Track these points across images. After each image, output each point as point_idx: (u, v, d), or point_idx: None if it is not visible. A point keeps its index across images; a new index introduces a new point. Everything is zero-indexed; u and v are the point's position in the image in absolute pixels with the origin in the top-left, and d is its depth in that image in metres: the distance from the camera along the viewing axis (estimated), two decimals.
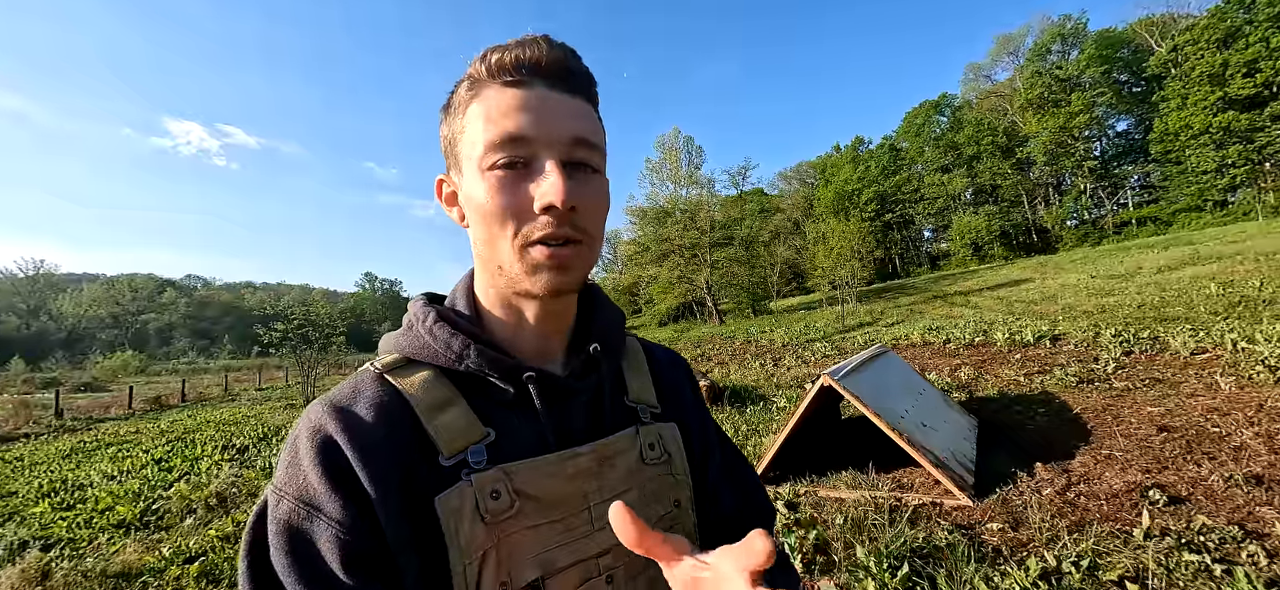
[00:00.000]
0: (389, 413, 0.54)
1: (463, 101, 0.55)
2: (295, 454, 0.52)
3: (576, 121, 0.54)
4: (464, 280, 0.67)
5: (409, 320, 0.62)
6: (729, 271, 34.47)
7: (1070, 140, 43.94)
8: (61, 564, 3.91)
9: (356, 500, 0.49)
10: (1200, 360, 6.96)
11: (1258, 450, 3.85)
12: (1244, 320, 9.21)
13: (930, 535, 3.07)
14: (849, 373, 4.26)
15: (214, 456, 8.02)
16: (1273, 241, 19.15)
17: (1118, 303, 13.82)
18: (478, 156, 0.53)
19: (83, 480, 7.17)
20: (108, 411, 17.20)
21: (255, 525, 0.52)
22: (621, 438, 0.62)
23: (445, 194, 0.62)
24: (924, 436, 4.06)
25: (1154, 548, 2.71)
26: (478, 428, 0.55)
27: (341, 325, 19.56)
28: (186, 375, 34.83)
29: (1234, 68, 34.24)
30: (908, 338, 13.11)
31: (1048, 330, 10.58)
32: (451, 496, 0.51)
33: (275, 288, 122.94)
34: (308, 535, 0.49)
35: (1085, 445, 4.47)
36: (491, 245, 0.55)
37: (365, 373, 0.58)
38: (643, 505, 0.61)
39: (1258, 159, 33.94)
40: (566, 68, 0.55)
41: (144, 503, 5.65)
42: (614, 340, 0.68)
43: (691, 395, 0.78)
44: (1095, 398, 5.94)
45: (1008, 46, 52.87)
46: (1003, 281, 25.33)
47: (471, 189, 0.55)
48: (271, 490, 0.52)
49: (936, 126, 53.32)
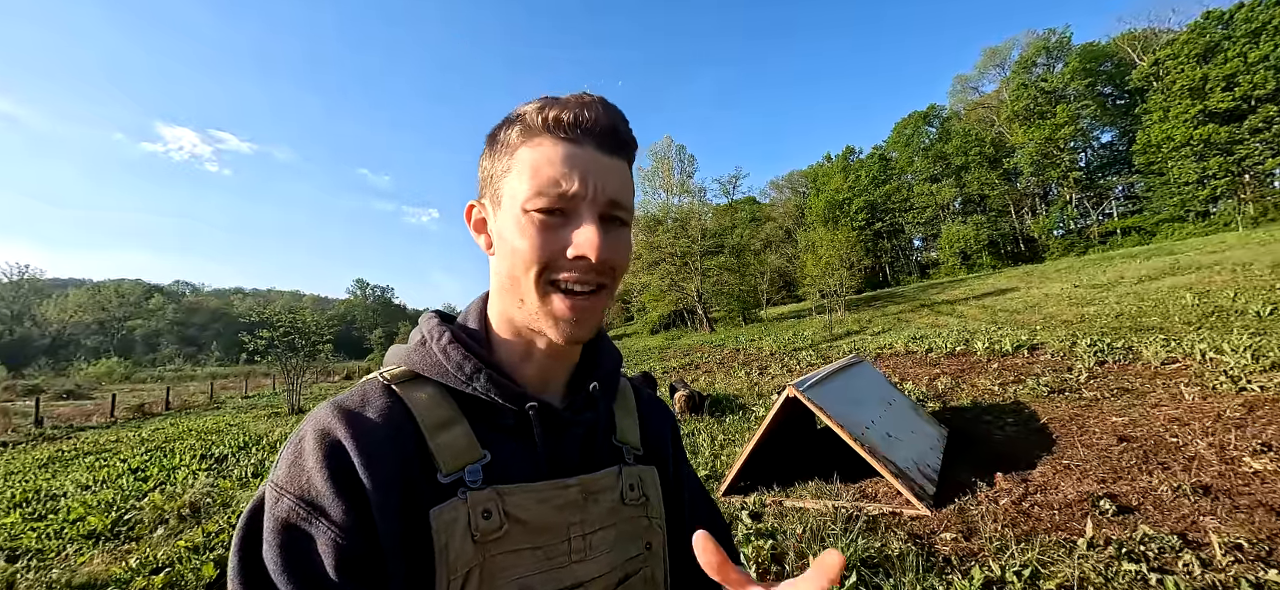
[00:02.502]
0: (396, 424, 0.56)
1: (512, 143, 0.58)
2: (300, 453, 0.53)
3: (616, 183, 0.58)
4: (478, 303, 0.69)
5: (422, 336, 0.64)
6: (720, 280, 34.58)
7: (1056, 151, 44.57)
8: (26, 575, 3.89)
9: (358, 504, 0.51)
10: (1169, 370, 7.09)
11: (1209, 460, 3.95)
12: (1215, 331, 9.40)
13: (885, 545, 3.13)
14: (815, 384, 4.33)
15: (191, 466, 7.97)
16: (1250, 252, 19.51)
17: (1097, 312, 14.04)
18: (521, 198, 0.55)
19: (57, 490, 7.10)
20: (89, 419, 16.98)
21: (250, 519, 0.53)
22: (606, 475, 0.64)
23: (474, 220, 0.64)
24: (888, 447, 4.13)
25: (1095, 557, 2.78)
26: (476, 448, 0.57)
27: (329, 333, 19.45)
28: (172, 383, 34.46)
29: (1213, 82, 34.96)
30: (892, 346, 13.24)
31: (1026, 340, 10.73)
32: (445, 511, 0.52)
33: (265, 294, 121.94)
34: (305, 535, 0.50)
35: (1048, 455, 4.56)
36: (517, 281, 0.58)
37: (373, 382, 0.60)
38: (619, 544, 0.62)
39: (1237, 171, 34.63)
40: (616, 134, 0.58)
41: (116, 513, 5.61)
42: (612, 382, 0.72)
43: (672, 445, 0.81)
44: (1064, 407, 6.05)
45: (994, 59, 53.73)
46: (989, 290, 25.60)
47: (506, 225, 0.58)
48: (270, 486, 0.53)
49: (925, 137, 53.91)
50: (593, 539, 0.60)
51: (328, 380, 36.13)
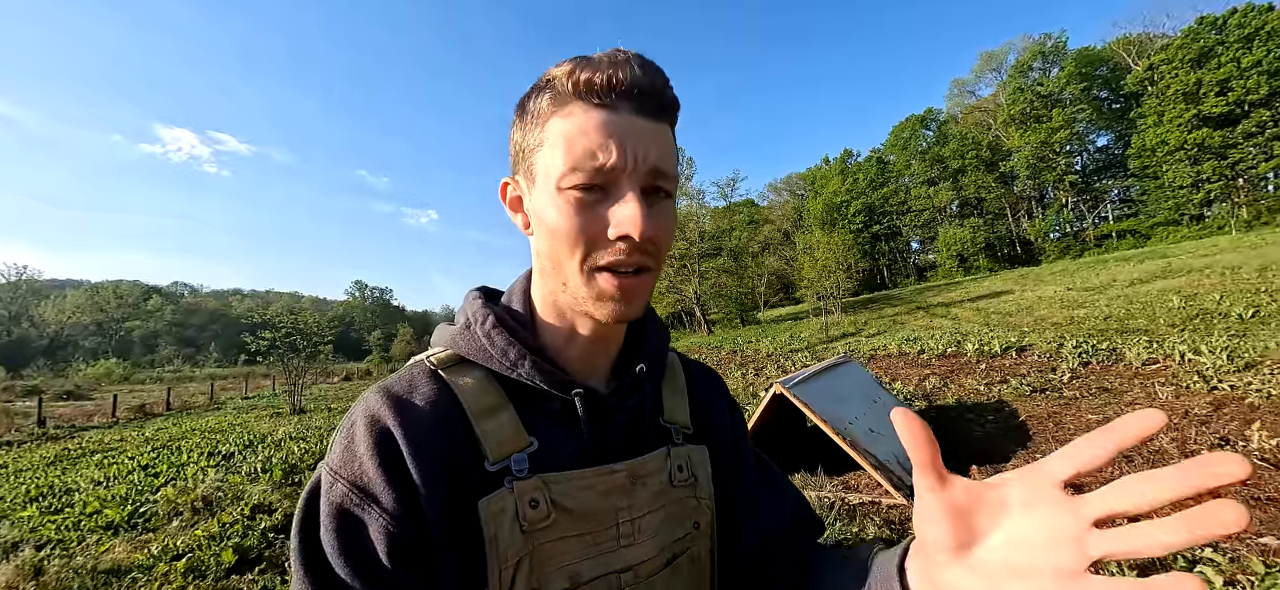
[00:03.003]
0: (443, 410, 0.56)
1: (543, 113, 0.54)
2: (352, 439, 0.53)
3: (658, 150, 0.53)
4: (521, 282, 0.67)
5: (467, 318, 0.63)
6: (717, 282, 34.86)
7: (1052, 155, 45.01)
8: (53, 561, 4.10)
9: (407, 493, 0.51)
10: (1149, 371, 7.33)
11: (1171, 454, 4.19)
12: (1198, 333, 9.65)
13: (862, 530, 3.37)
14: (801, 381, 4.56)
15: (200, 462, 8.18)
16: (1241, 255, 19.81)
17: (1087, 314, 14.30)
18: (556, 174, 0.52)
19: (70, 485, 7.31)
20: (91, 420, 17.16)
21: (308, 502, 0.54)
22: (653, 458, 0.63)
23: (510, 198, 0.61)
24: (870, 442, 4.36)
25: None
26: (523, 436, 0.56)
27: (330, 334, 19.66)
28: (171, 383, 34.65)
29: (1207, 86, 35.41)
30: (885, 348, 13.48)
31: (1016, 341, 10.97)
32: (493, 501, 0.52)
33: (264, 295, 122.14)
34: (359, 520, 0.51)
35: (1022, 449, 4.80)
36: (559, 264, 0.56)
37: (420, 366, 0.60)
38: (667, 526, 0.62)
39: (1231, 175, 35.05)
40: (656, 94, 0.54)
41: (131, 506, 5.82)
42: (659, 362, 0.70)
43: (727, 415, 0.77)
44: (1044, 406, 6.29)
45: (991, 63, 54.21)
46: (984, 293, 25.86)
47: (543, 204, 0.55)
48: (325, 470, 0.54)
49: (923, 140, 54.38)
50: (641, 523, 0.59)
51: (328, 381, 36.28)
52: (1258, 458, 3.82)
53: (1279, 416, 4.70)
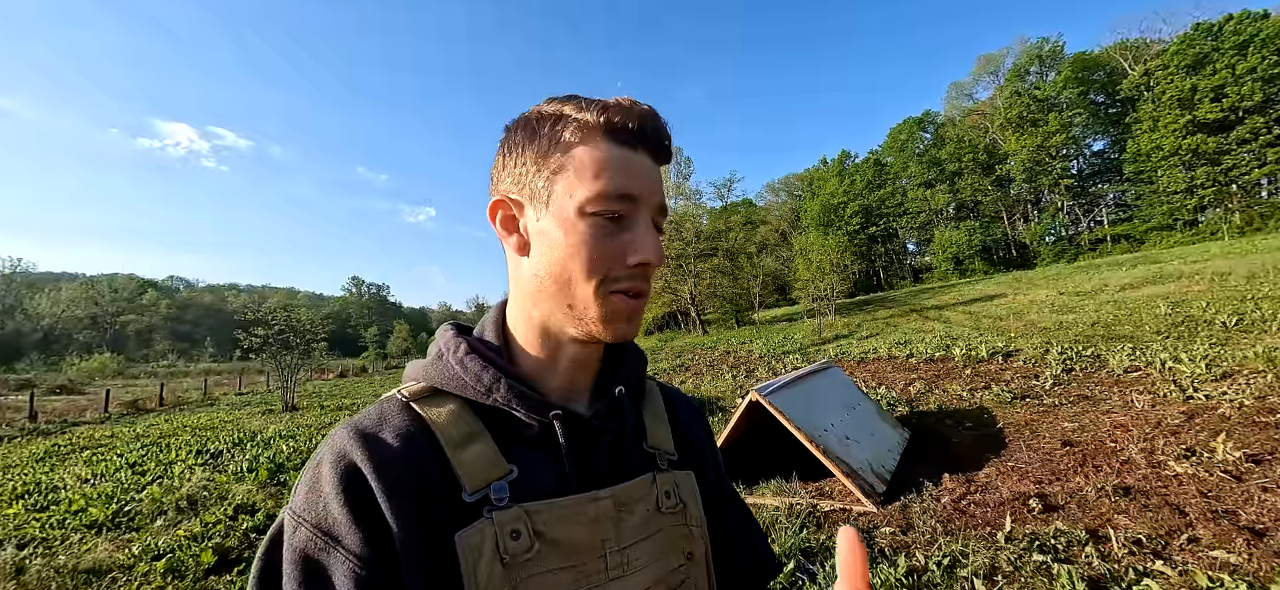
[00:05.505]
0: (416, 443, 0.54)
1: (567, 142, 0.55)
2: (317, 480, 0.51)
3: (662, 190, 0.59)
4: (495, 312, 0.66)
5: (439, 349, 0.62)
6: (713, 282, 34.92)
7: (1048, 158, 45.13)
8: (35, 560, 4.14)
9: (376, 534, 0.49)
10: (1129, 378, 7.42)
11: (1139, 463, 4.27)
12: (1181, 340, 9.73)
13: (830, 538, 3.43)
14: (779, 388, 4.63)
15: (187, 461, 8.21)
16: (1231, 262, 19.93)
17: (1074, 320, 14.38)
18: (578, 201, 0.54)
19: (57, 483, 7.34)
20: (83, 415, 17.13)
21: (269, 549, 0.51)
22: (639, 484, 0.61)
23: (502, 219, 0.60)
24: (844, 449, 4.43)
25: (1011, 549, 3.09)
26: (501, 464, 0.54)
27: (324, 331, 19.68)
28: (165, 379, 34.56)
29: (1202, 92, 35.58)
30: (876, 352, 13.57)
31: (1002, 347, 11.06)
32: (472, 534, 0.50)
33: (260, 290, 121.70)
34: (323, 567, 0.48)
35: (996, 457, 4.87)
36: (569, 284, 0.56)
37: (392, 400, 0.58)
38: (658, 556, 0.60)
39: (1224, 181, 35.21)
40: (664, 143, 0.58)
41: (116, 504, 5.86)
42: (638, 385, 0.70)
43: (707, 444, 0.78)
44: (1022, 413, 6.36)
45: (988, 67, 54.39)
46: (978, 296, 25.95)
47: (554, 227, 0.56)
48: (288, 515, 0.51)
49: (920, 143, 54.49)
50: (629, 554, 0.57)
51: (322, 378, 36.22)
52: (1221, 470, 3.90)
53: (1248, 426, 4.79)
